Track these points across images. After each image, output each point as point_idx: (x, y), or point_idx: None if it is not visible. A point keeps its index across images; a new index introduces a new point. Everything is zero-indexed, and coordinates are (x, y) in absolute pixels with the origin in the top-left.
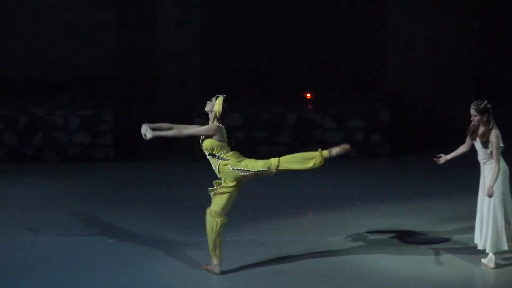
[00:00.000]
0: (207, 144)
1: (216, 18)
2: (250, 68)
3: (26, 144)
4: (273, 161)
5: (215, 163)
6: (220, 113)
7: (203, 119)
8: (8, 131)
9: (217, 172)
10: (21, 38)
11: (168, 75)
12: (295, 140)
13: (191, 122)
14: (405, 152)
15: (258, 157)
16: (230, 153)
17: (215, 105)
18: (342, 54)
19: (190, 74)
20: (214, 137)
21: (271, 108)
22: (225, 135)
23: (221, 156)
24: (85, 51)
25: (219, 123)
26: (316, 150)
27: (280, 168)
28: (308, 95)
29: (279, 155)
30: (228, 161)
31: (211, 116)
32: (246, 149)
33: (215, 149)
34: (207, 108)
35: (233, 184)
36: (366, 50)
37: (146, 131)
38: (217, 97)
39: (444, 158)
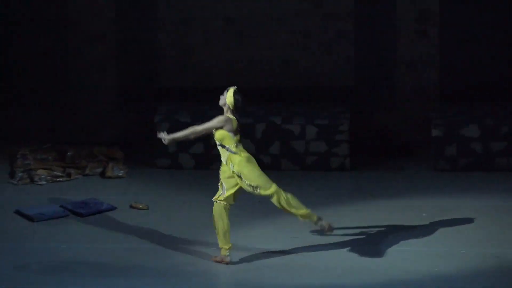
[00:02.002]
0: (217, 135)
1: (455, 28)
2: (491, 79)
3: (263, 152)
4: (282, 194)
5: (224, 154)
6: (233, 104)
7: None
8: (246, 139)
9: (224, 163)
10: (259, 47)
11: (405, 85)
12: None
13: (428, 133)
14: None
15: (494, 169)
16: (240, 147)
17: (227, 98)
18: None
19: (428, 85)
20: (224, 128)
21: (509, 120)
22: (235, 127)
23: (230, 148)
24: (323, 59)
25: (232, 115)
26: None
27: (282, 203)
28: None
29: None
30: (235, 158)
31: (225, 110)
32: (483, 162)
33: (224, 140)
34: (220, 102)
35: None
36: None
37: (162, 136)
38: (228, 90)
39: None
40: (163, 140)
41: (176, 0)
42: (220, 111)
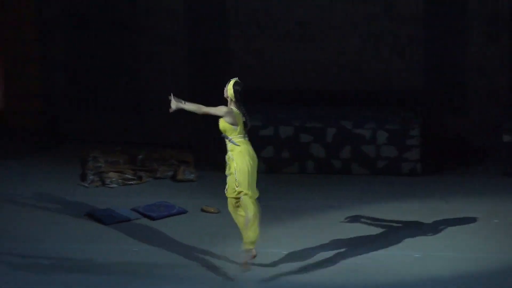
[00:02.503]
0: (220, 125)
1: None
2: None
3: (334, 156)
4: (255, 203)
5: (228, 144)
6: (233, 95)
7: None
8: (316, 143)
9: (229, 153)
10: (330, 50)
11: (476, 89)
12: None
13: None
14: None
15: None
16: (243, 140)
17: (228, 90)
18: None
19: (499, 89)
20: (225, 119)
21: None
22: (238, 119)
23: (232, 139)
24: (393, 63)
25: (236, 107)
26: None
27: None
28: None
29: None
30: (236, 149)
31: (228, 102)
32: None
33: (227, 131)
34: (224, 95)
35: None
36: None
37: (172, 102)
38: (229, 81)
39: None
40: (171, 104)
41: (248, 4)
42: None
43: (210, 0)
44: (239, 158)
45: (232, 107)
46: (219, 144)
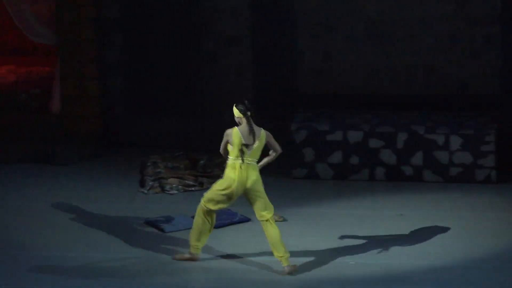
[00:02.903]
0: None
1: None
2: None
3: (405, 163)
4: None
5: None
6: (240, 114)
7: None
8: (386, 149)
9: None
10: (401, 52)
11: None
12: None
13: None
14: None
15: None
16: (234, 163)
17: (234, 113)
18: None
19: None
20: (227, 140)
21: None
22: (234, 139)
23: (229, 157)
24: (469, 66)
25: (242, 128)
26: None
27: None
28: None
29: None
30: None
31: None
32: None
33: (228, 152)
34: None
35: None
36: None
37: None
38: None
39: None
40: None
41: (315, 3)
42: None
43: None
44: (224, 175)
45: (237, 128)
46: (283, 150)
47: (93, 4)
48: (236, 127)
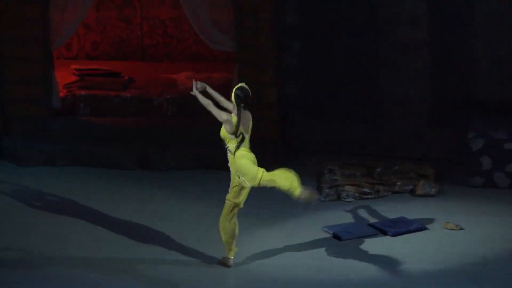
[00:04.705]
0: (221, 133)
1: None
2: None
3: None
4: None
5: (228, 155)
6: (234, 100)
7: None
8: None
9: (231, 167)
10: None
11: None
12: None
13: None
14: None
15: None
16: (241, 149)
17: (232, 94)
18: None
19: None
20: (224, 126)
21: None
22: (234, 128)
23: (229, 148)
24: None
25: (238, 113)
26: None
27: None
28: None
29: None
30: (231, 157)
31: (232, 107)
32: None
33: (226, 140)
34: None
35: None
36: None
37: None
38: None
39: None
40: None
41: (494, 9)
42: None
43: (455, 5)
44: (239, 160)
45: (234, 114)
46: (460, 158)
47: (272, 10)
48: (233, 114)
